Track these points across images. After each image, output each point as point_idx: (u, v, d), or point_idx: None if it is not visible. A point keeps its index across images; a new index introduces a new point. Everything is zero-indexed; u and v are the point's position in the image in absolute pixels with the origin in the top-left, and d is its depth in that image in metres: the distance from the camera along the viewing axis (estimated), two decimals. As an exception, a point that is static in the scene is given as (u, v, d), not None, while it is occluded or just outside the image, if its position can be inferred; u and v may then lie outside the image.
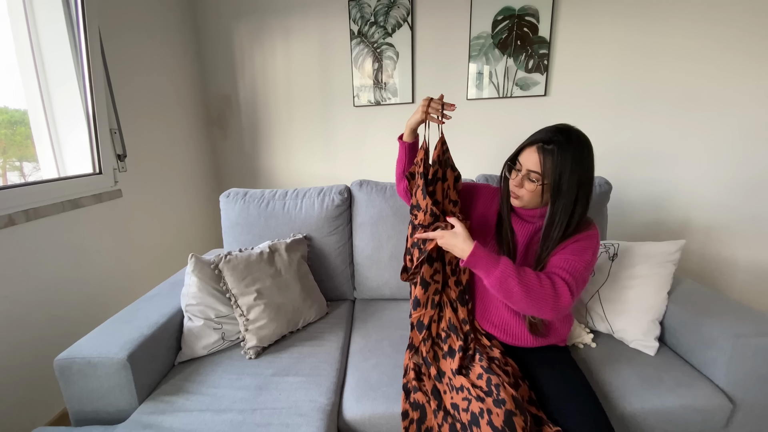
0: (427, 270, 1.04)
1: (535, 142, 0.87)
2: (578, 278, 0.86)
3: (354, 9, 2.01)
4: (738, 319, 1.03)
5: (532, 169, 0.87)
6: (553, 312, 0.84)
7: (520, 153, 0.91)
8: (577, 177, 0.84)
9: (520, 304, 0.85)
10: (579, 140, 0.86)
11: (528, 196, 0.91)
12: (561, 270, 0.86)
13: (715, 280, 1.97)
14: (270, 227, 1.42)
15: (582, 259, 0.88)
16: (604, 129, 1.96)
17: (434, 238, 0.92)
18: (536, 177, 0.87)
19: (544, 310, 0.84)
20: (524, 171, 0.89)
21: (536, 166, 0.86)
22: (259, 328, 1.14)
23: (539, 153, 0.86)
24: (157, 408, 0.94)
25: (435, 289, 1.06)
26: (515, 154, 0.93)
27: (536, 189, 0.89)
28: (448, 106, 0.93)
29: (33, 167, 1.46)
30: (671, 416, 0.95)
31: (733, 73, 1.75)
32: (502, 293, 0.85)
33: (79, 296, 1.42)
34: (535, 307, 0.84)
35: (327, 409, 0.93)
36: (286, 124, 2.27)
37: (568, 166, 0.83)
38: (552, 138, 0.85)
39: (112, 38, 1.59)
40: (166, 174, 1.96)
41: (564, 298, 0.83)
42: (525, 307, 0.85)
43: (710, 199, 1.90)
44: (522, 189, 0.92)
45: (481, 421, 0.79)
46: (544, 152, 0.85)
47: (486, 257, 0.86)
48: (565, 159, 0.83)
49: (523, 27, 1.89)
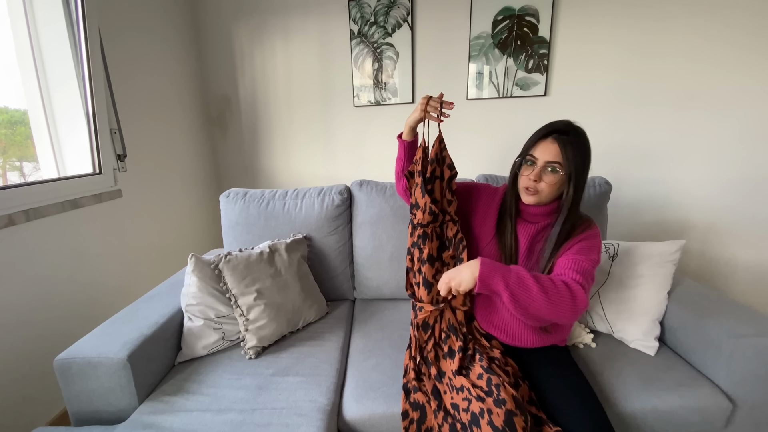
0: (429, 270, 1.03)
1: (550, 134, 0.88)
2: (588, 278, 0.85)
3: (354, 9, 2.01)
4: (738, 319, 1.03)
5: (553, 160, 0.87)
6: (572, 314, 0.80)
7: (533, 147, 0.90)
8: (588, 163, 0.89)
9: (541, 310, 0.80)
10: (583, 130, 0.90)
11: (548, 189, 0.89)
12: (571, 271, 0.85)
13: (715, 280, 1.97)
14: (270, 227, 1.42)
15: (589, 258, 0.88)
16: (604, 129, 1.96)
17: (444, 285, 0.86)
18: (557, 167, 0.87)
19: (564, 313, 0.80)
20: (542, 163, 0.88)
21: (557, 156, 0.86)
22: (259, 328, 1.14)
23: (558, 143, 0.86)
24: (157, 408, 0.94)
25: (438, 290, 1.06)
26: (527, 149, 0.92)
27: (557, 180, 0.88)
28: (446, 105, 0.93)
29: (33, 167, 1.46)
30: (671, 416, 0.95)
31: (733, 73, 1.75)
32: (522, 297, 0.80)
33: (79, 296, 1.42)
34: (556, 310, 0.80)
35: (327, 409, 0.93)
36: (286, 124, 2.27)
37: (583, 152, 0.87)
38: (564, 129, 0.87)
39: (112, 38, 1.59)
40: (166, 174, 1.96)
41: (580, 298, 0.80)
42: (546, 311, 0.80)
43: (710, 199, 1.90)
44: (541, 183, 0.90)
45: (481, 421, 0.79)
46: (562, 142, 0.85)
47: (497, 265, 0.82)
48: (580, 146, 0.86)
49: (523, 27, 1.89)
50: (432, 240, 1.04)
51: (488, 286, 0.81)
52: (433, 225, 1.04)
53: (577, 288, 0.81)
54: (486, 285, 0.81)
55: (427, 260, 1.03)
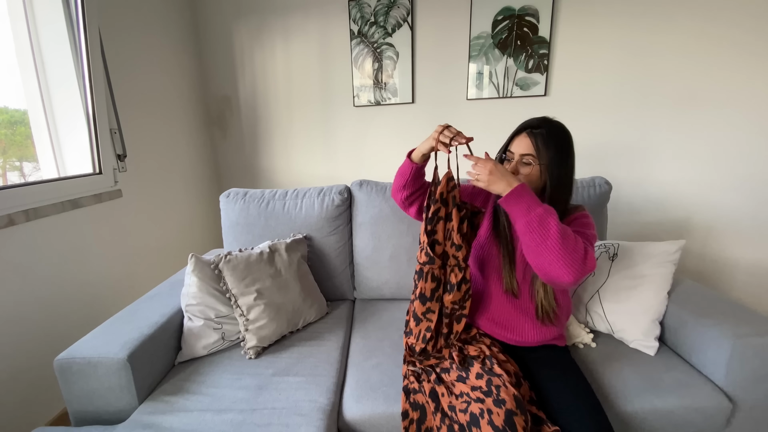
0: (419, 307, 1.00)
1: (523, 130, 0.94)
2: (593, 247, 0.87)
3: (354, 9, 2.01)
4: (738, 319, 1.03)
5: (526, 153, 0.92)
6: (578, 271, 0.80)
7: (510, 144, 0.97)
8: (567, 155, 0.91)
9: (552, 253, 0.81)
10: (559, 124, 0.94)
11: (526, 181, 0.93)
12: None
13: (715, 280, 1.97)
14: (270, 227, 1.42)
15: (589, 233, 0.91)
16: (604, 129, 1.96)
17: (484, 167, 0.87)
18: (531, 159, 0.92)
19: (571, 266, 0.80)
20: (517, 157, 0.94)
21: (529, 149, 0.92)
22: (259, 328, 1.14)
23: (530, 137, 0.92)
24: (157, 408, 0.94)
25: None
26: (505, 147, 0.98)
27: (532, 172, 0.93)
28: (459, 138, 0.90)
29: (33, 167, 1.46)
30: (671, 416, 0.95)
31: (733, 73, 1.75)
32: (537, 232, 0.82)
33: (79, 296, 1.42)
34: (566, 258, 0.80)
35: (327, 409, 0.93)
36: (286, 124, 2.27)
37: (558, 144, 0.91)
38: (536, 123, 0.93)
39: (112, 38, 1.59)
40: (166, 174, 1.96)
41: (591, 258, 0.82)
42: (555, 256, 0.80)
43: (710, 199, 1.90)
44: (519, 176, 0.94)
45: (481, 422, 0.79)
46: (534, 136, 0.91)
47: (533, 196, 0.85)
48: (553, 138, 0.91)
49: (523, 27, 1.89)
50: (426, 280, 0.98)
51: (512, 203, 0.84)
52: (431, 266, 0.98)
53: (591, 250, 0.84)
54: (510, 201, 0.84)
55: (418, 298, 1.00)
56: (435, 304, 1.00)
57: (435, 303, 1.00)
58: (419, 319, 1.01)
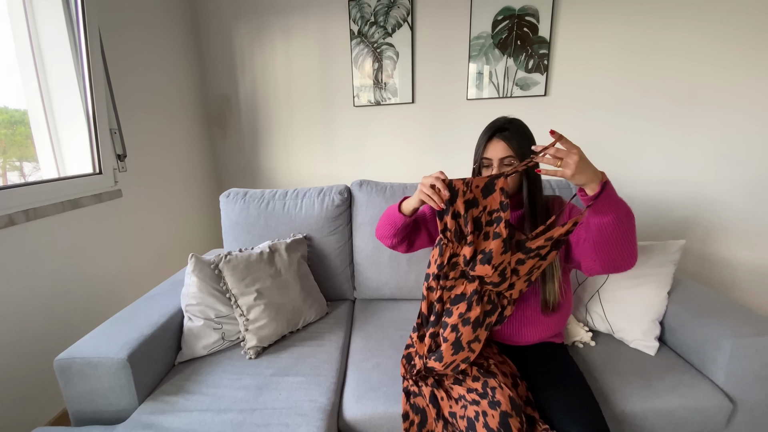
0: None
1: (492, 136, 0.95)
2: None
3: (354, 9, 2.01)
4: (738, 319, 1.03)
5: (505, 155, 0.93)
6: (635, 260, 0.85)
7: (484, 151, 0.97)
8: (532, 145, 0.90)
9: (631, 242, 0.82)
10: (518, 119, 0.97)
11: (511, 181, 0.96)
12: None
13: (715, 280, 1.97)
14: (270, 227, 1.42)
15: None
16: (604, 129, 1.96)
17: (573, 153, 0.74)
18: (511, 160, 0.93)
19: (634, 256, 0.84)
20: (496, 162, 0.94)
21: (506, 151, 0.93)
22: (259, 328, 1.14)
23: (503, 140, 0.93)
24: (157, 408, 0.94)
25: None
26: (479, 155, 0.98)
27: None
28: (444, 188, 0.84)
29: (33, 167, 1.46)
30: (671, 416, 0.95)
31: (733, 73, 1.75)
32: (626, 224, 0.79)
33: (79, 296, 1.42)
34: (635, 246, 0.83)
35: (327, 409, 0.93)
36: (286, 124, 2.27)
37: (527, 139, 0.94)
38: (503, 126, 0.94)
39: (112, 38, 1.59)
40: (166, 174, 1.96)
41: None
42: (633, 245, 0.82)
43: (710, 199, 1.90)
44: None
45: (477, 425, 0.79)
46: (506, 138, 0.93)
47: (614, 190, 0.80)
48: (522, 135, 0.94)
49: (523, 27, 1.89)
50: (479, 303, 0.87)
51: (606, 197, 0.76)
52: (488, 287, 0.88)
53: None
54: (606, 196, 0.76)
55: (471, 324, 0.87)
56: (483, 333, 0.89)
57: (484, 331, 0.89)
58: (461, 347, 0.87)
